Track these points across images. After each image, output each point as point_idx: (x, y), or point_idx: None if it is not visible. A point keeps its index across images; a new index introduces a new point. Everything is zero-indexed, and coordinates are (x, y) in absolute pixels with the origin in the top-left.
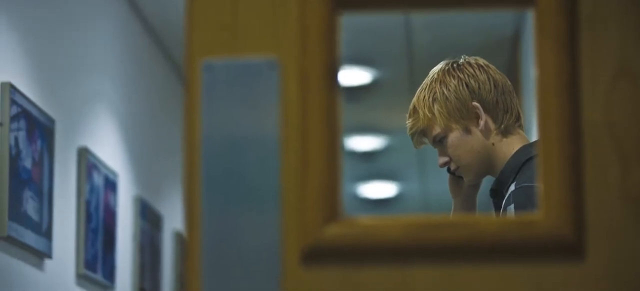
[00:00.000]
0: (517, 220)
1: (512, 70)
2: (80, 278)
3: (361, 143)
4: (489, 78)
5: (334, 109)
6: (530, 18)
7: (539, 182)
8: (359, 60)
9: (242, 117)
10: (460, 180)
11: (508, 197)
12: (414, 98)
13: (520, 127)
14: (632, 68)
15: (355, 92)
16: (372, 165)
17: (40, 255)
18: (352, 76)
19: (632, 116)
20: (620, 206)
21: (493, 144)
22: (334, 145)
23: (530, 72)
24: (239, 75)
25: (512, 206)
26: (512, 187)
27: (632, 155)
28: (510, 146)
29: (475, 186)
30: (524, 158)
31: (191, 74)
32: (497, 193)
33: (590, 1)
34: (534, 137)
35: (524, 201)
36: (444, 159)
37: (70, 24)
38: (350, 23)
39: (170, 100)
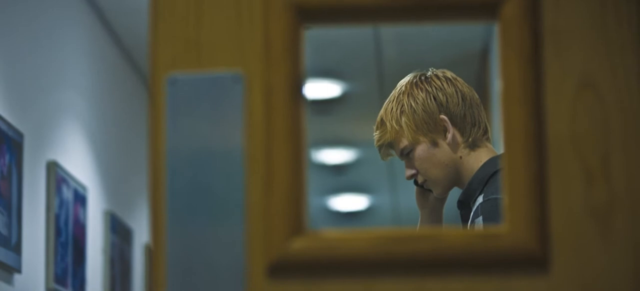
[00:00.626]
0: (483, 232)
1: (481, 83)
2: None
3: (331, 156)
4: (456, 92)
5: (299, 122)
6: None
7: (504, 195)
8: (328, 73)
9: (207, 131)
10: (427, 192)
11: (476, 209)
12: (382, 111)
13: (488, 139)
14: (596, 80)
15: (324, 105)
16: (342, 178)
17: (9, 270)
18: (321, 89)
19: (596, 129)
20: (585, 219)
21: (461, 157)
22: (299, 159)
23: (498, 86)
24: (203, 89)
25: (480, 218)
26: (480, 199)
27: (596, 168)
28: (477, 159)
29: (442, 198)
30: (492, 170)
31: (155, 88)
32: (464, 204)
33: (553, 14)
34: (501, 149)
35: (492, 214)
36: (411, 172)
37: (38, 37)
38: (318, 36)
39: (139, 113)
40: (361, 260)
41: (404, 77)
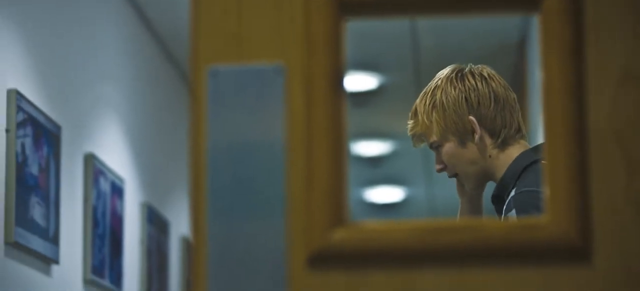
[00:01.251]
0: (524, 223)
1: (519, 74)
2: (88, 283)
3: (368, 148)
4: (489, 92)
5: (339, 115)
6: (536, 23)
7: (544, 186)
8: (364, 65)
9: (248, 123)
10: None
11: (508, 202)
12: (417, 100)
13: (522, 137)
14: (638, 73)
15: (361, 97)
16: (378, 170)
17: (47, 261)
18: (358, 81)
19: (638, 120)
20: (626, 210)
21: (490, 156)
22: (339, 150)
23: (536, 77)
24: (244, 82)
25: (513, 211)
26: (513, 193)
27: (638, 159)
28: (509, 156)
29: (480, 187)
30: (525, 164)
31: (196, 81)
32: (498, 199)
33: (595, 6)
34: (541, 140)
35: (525, 206)
36: (440, 166)
37: (76, 31)
38: (356, 28)
39: (176, 106)
40: (401, 251)
41: (440, 68)
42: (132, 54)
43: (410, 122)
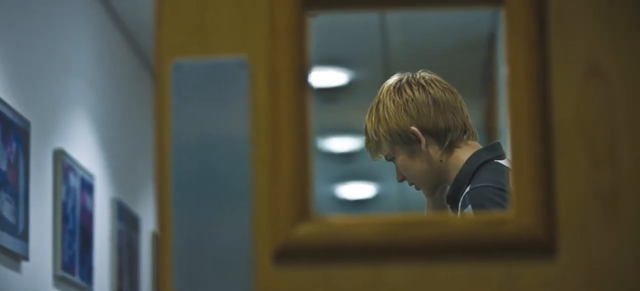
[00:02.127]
0: (489, 218)
1: (488, 69)
2: (58, 280)
3: (338, 144)
4: (427, 98)
5: (304, 108)
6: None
7: (499, 182)
8: (334, 61)
9: (212, 117)
10: None
11: (463, 198)
12: (366, 117)
13: (470, 137)
14: (602, 67)
15: (331, 93)
16: (349, 166)
17: (16, 257)
18: (328, 77)
19: (602, 114)
20: (591, 203)
21: (441, 161)
22: (304, 144)
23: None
24: (208, 76)
25: (469, 207)
26: (467, 190)
27: (602, 154)
28: (459, 158)
29: (445, 188)
30: (478, 163)
31: (161, 75)
32: (453, 199)
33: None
34: (508, 135)
35: (480, 200)
36: (400, 177)
37: (44, 26)
38: (325, 24)
39: (145, 101)
40: (368, 246)
41: (409, 64)
42: (100, 48)
43: (364, 138)
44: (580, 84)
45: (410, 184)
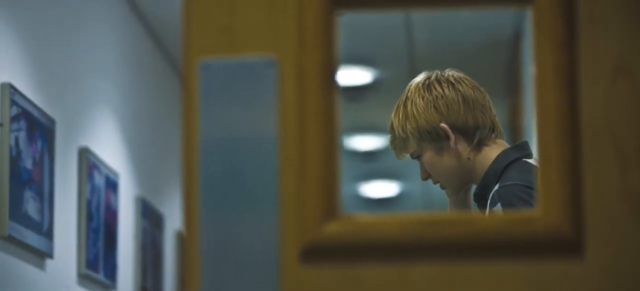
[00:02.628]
0: (516, 217)
1: (513, 69)
2: (82, 277)
3: (363, 142)
4: (457, 96)
5: (331, 107)
6: (530, 17)
7: (528, 180)
8: (359, 60)
9: (240, 117)
10: None
11: (492, 196)
12: (392, 114)
13: (498, 136)
14: (631, 67)
15: (356, 92)
16: (373, 165)
17: (41, 255)
18: (353, 76)
19: (631, 115)
20: (619, 204)
21: (469, 159)
22: (331, 143)
23: (530, 72)
24: (236, 75)
25: (498, 205)
26: (496, 188)
27: (631, 153)
28: (487, 156)
29: (468, 188)
30: (506, 162)
31: (188, 74)
32: (480, 197)
33: (587, 0)
34: (534, 135)
35: (510, 197)
36: (425, 175)
37: (70, 25)
38: (350, 23)
39: (170, 100)
40: (394, 244)
41: (435, 63)
42: (126, 47)
43: (390, 136)
44: (608, 84)
45: (435, 182)
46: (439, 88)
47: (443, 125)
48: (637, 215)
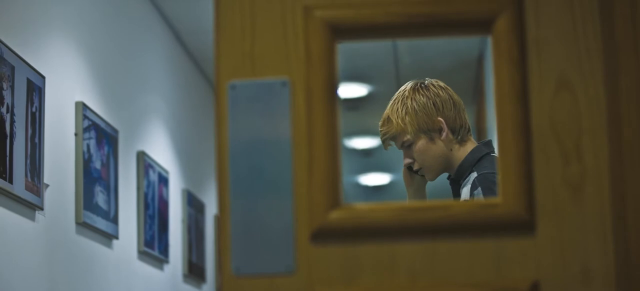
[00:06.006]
0: (482, 203)
1: (478, 84)
2: (141, 254)
3: (360, 143)
4: (449, 98)
5: (334, 117)
6: (490, 42)
7: (498, 173)
8: (356, 77)
9: (261, 125)
10: (413, 173)
11: (473, 182)
12: (387, 109)
13: (469, 134)
14: (571, 80)
15: (354, 102)
16: (369, 160)
17: (109, 237)
18: (351, 90)
19: (571, 119)
20: (562, 190)
21: (451, 150)
22: (335, 146)
23: (492, 86)
24: (257, 93)
25: (479, 189)
26: (474, 174)
27: (571, 150)
28: (463, 150)
29: (424, 178)
30: (480, 155)
31: (220, 92)
32: (455, 181)
33: (535, 27)
34: (494, 137)
35: (489, 183)
36: (408, 160)
37: (129, 53)
38: (348, 48)
39: (208, 112)
40: (385, 227)
41: (417, 79)
42: (172, 71)
43: (383, 128)
44: (552, 94)
45: (417, 168)
46: (435, 89)
47: (440, 118)
48: (576, 199)
